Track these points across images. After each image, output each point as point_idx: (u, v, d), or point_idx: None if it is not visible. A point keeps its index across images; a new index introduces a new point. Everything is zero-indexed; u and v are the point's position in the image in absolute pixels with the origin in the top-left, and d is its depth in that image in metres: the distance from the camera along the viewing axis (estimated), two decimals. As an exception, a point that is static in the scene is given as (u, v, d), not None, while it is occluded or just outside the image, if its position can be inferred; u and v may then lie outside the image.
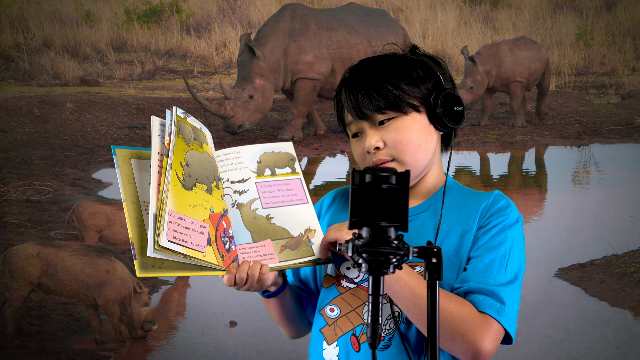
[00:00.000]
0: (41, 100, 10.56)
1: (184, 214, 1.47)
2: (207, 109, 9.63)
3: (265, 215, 1.61)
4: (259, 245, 1.58)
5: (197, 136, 1.58)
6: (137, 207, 1.49)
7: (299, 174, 1.67)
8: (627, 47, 15.32)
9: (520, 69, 10.98)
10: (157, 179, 1.48)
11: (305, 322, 1.77)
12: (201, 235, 1.48)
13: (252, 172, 1.64)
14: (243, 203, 1.61)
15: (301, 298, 1.76)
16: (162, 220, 1.43)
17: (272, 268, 1.56)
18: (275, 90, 10.26)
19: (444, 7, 17.12)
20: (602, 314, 5.10)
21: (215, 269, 1.50)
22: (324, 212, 1.76)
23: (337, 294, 1.67)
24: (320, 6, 16.38)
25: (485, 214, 1.62)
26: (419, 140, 1.63)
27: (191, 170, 1.52)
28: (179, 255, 1.44)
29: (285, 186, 1.65)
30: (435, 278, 1.39)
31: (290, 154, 1.68)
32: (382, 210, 1.34)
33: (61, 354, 4.48)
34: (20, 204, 7.19)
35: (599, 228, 6.74)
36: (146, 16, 15.98)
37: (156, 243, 1.41)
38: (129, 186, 1.50)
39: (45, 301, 5.09)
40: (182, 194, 1.48)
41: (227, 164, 1.63)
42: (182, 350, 4.72)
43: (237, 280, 1.53)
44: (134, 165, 1.53)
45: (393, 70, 1.63)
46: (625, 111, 11.97)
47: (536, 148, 10.50)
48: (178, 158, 1.50)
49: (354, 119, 1.64)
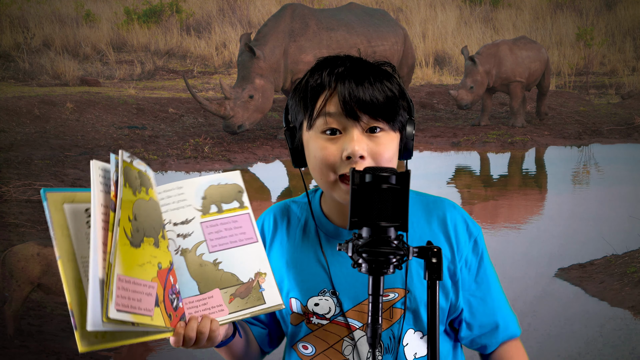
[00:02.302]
0: (41, 100, 10.56)
1: (133, 276, 1.30)
2: (207, 109, 9.62)
3: (212, 260, 1.46)
4: (207, 296, 1.44)
5: (143, 182, 1.41)
6: (74, 264, 1.30)
7: (247, 207, 1.52)
8: (627, 47, 15.32)
9: (520, 69, 10.97)
10: (102, 236, 1.29)
11: (256, 356, 1.68)
12: (149, 297, 1.32)
13: (197, 211, 1.48)
14: (188, 248, 1.46)
15: (252, 336, 1.66)
16: (110, 287, 1.25)
17: (221, 322, 1.44)
18: (275, 90, 10.26)
19: (444, 7, 17.12)
20: (602, 314, 5.10)
21: (162, 331, 1.35)
22: (269, 239, 1.64)
23: (308, 332, 1.59)
24: (320, 6, 16.38)
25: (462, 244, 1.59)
26: (395, 161, 1.53)
27: (139, 224, 1.35)
28: (127, 325, 1.28)
29: (233, 224, 1.49)
30: (435, 278, 1.39)
31: (238, 185, 1.52)
32: (382, 210, 1.33)
33: (61, 354, 4.48)
34: (20, 204, 7.19)
35: (599, 228, 6.74)
36: (146, 16, 15.98)
37: (104, 315, 1.25)
38: (64, 239, 1.31)
39: (45, 301, 5.09)
40: (130, 254, 1.31)
41: (169, 203, 1.47)
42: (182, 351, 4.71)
43: (186, 340, 1.40)
44: (68, 212, 1.33)
45: (392, 83, 1.52)
46: (625, 111, 11.97)
47: (536, 148, 10.49)
48: (126, 212, 1.32)
49: (340, 114, 1.48)
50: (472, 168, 9.72)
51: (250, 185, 8.89)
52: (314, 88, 1.50)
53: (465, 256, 1.59)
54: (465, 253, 1.59)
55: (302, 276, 1.57)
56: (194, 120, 11.06)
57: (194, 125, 10.93)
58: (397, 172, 1.35)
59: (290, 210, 1.65)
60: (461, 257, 1.59)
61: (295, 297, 1.59)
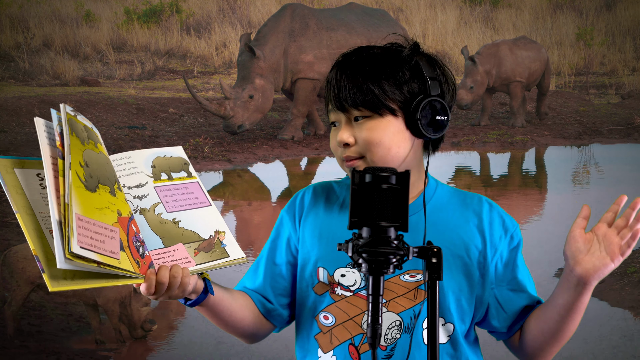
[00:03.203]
0: (41, 100, 10.56)
1: (92, 217, 1.33)
2: (207, 109, 9.63)
3: (171, 219, 1.53)
4: (172, 249, 1.49)
5: (91, 135, 1.46)
6: (33, 217, 1.33)
7: (195, 177, 1.61)
8: (627, 47, 15.32)
9: (520, 69, 10.98)
10: (54, 183, 1.33)
11: (251, 327, 1.69)
12: (113, 241, 1.34)
13: (149, 177, 1.56)
14: (146, 208, 1.52)
15: (247, 301, 1.68)
16: (70, 225, 1.28)
17: (192, 271, 1.49)
18: (275, 90, 10.26)
19: (444, 7, 17.12)
20: (602, 314, 5.10)
21: (131, 277, 1.37)
22: (306, 210, 1.69)
23: (331, 302, 1.62)
24: (320, 6, 16.38)
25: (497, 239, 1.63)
26: (390, 144, 1.57)
27: (92, 171, 1.39)
28: (92, 264, 1.30)
29: (185, 190, 1.58)
30: (435, 278, 1.39)
31: (183, 158, 1.62)
32: (382, 210, 1.34)
33: (61, 354, 4.48)
34: (20, 204, 7.19)
35: (599, 228, 6.71)
36: (146, 16, 15.98)
37: (67, 251, 1.27)
38: (18, 196, 1.35)
39: (45, 301, 5.09)
40: (86, 196, 1.34)
41: (120, 170, 1.54)
42: (182, 350, 4.72)
43: (158, 286, 1.43)
44: (19, 175, 1.37)
45: (380, 67, 1.57)
46: (625, 111, 11.97)
47: (536, 148, 10.50)
48: (76, 157, 1.36)
49: (333, 108, 1.60)
50: (472, 168, 9.72)
51: (250, 185, 8.89)
52: (327, 85, 1.63)
53: (501, 251, 1.63)
54: (500, 248, 1.63)
55: (333, 247, 1.60)
56: (194, 120, 11.06)
57: (194, 125, 10.93)
58: (397, 172, 1.35)
59: (332, 188, 1.72)
60: (495, 251, 1.62)
61: (323, 266, 1.63)
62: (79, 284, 1.32)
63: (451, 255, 1.60)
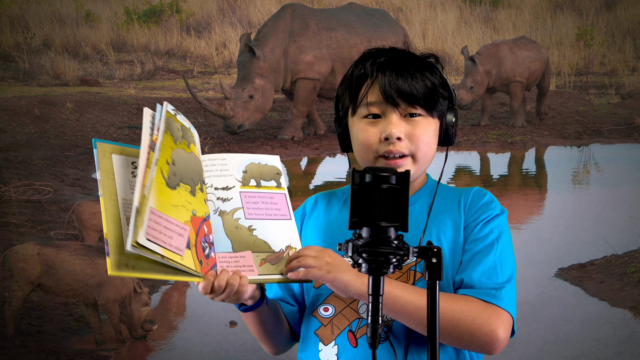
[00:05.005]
0: (41, 100, 10.56)
1: (165, 213, 1.40)
2: (207, 109, 9.63)
3: (247, 226, 1.55)
4: (239, 255, 1.53)
5: (186, 135, 1.53)
6: (114, 203, 1.42)
7: (284, 189, 1.63)
8: (627, 47, 15.32)
9: (520, 69, 10.98)
10: (143, 172, 1.42)
11: (285, 339, 1.72)
12: (181, 238, 1.41)
13: (237, 181, 1.59)
14: (226, 211, 1.55)
15: (282, 314, 1.71)
16: (142, 216, 1.37)
17: (250, 280, 1.51)
18: (275, 90, 10.26)
19: (444, 7, 17.12)
20: (602, 314, 5.10)
21: (192, 274, 1.43)
22: (307, 216, 1.74)
23: (329, 293, 1.65)
24: (320, 6, 16.38)
25: (471, 209, 1.64)
26: (434, 145, 1.65)
27: (176, 169, 1.46)
28: (156, 255, 1.37)
29: (269, 199, 1.60)
30: (435, 278, 1.39)
31: (277, 167, 1.64)
32: (382, 210, 1.34)
33: (61, 354, 4.48)
34: (20, 204, 7.19)
35: (599, 228, 6.74)
36: (146, 16, 15.98)
37: (134, 239, 1.34)
38: (108, 181, 1.44)
39: (45, 301, 5.09)
40: (165, 192, 1.42)
41: (212, 170, 1.58)
42: (182, 350, 4.72)
43: (215, 288, 1.46)
44: (115, 160, 1.46)
45: (433, 74, 1.62)
46: (625, 111, 11.98)
47: (536, 148, 10.50)
48: (164, 155, 1.44)
49: (380, 101, 1.60)
50: (472, 168, 9.72)
51: (250, 185, 8.88)
52: (358, 77, 1.63)
53: (476, 211, 1.64)
54: (476, 208, 1.64)
55: (332, 239, 1.64)
56: (194, 120, 11.06)
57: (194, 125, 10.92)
58: (397, 172, 1.36)
59: (334, 193, 1.77)
60: (470, 212, 1.64)
61: None
62: (140, 272, 1.39)
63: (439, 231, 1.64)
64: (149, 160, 1.42)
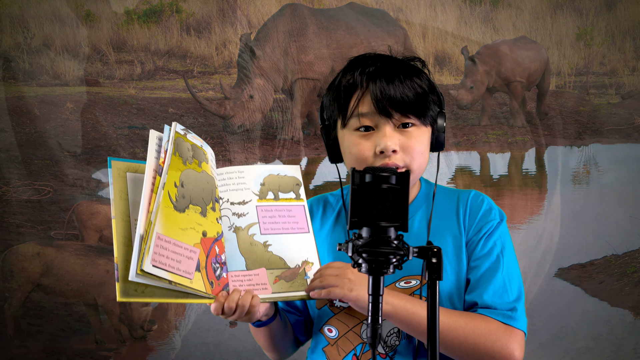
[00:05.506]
0: (41, 100, 10.56)
1: (173, 238, 1.38)
2: (207, 109, 9.62)
3: (262, 242, 1.53)
4: (253, 273, 1.50)
5: (197, 154, 1.51)
6: (126, 224, 1.40)
7: (303, 200, 1.59)
8: (627, 47, 15.31)
9: (520, 69, 10.98)
10: (149, 197, 1.39)
11: (290, 347, 1.72)
12: (190, 261, 1.40)
13: (254, 195, 1.56)
14: (241, 227, 1.52)
15: (289, 324, 1.70)
16: (148, 243, 1.34)
17: (263, 299, 1.49)
18: (275, 90, 10.25)
19: (444, 7, 17.12)
20: (602, 314, 5.09)
21: (202, 296, 1.42)
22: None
23: (331, 315, 1.63)
24: (320, 6, 16.38)
25: (471, 220, 1.62)
26: (427, 154, 1.62)
27: (185, 191, 1.44)
28: (164, 282, 1.35)
29: (287, 212, 1.57)
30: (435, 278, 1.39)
31: (297, 178, 1.60)
32: (382, 210, 1.33)
33: (61, 354, 4.48)
34: (20, 204, 7.18)
35: (599, 228, 6.73)
36: (146, 16, 15.99)
37: (139, 267, 1.33)
38: (121, 202, 1.41)
39: (45, 301, 5.08)
40: (172, 216, 1.39)
41: (229, 184, 1.56)
42: (182, 350, 4.71)
43: (225, 310, 1.45)
44: (129, 179, 1.44)
45: (422, 79, 1.59)
46: (625, 111, 11.97)
47: (536, 148, 10.49)
48: (172, 178, 1.42)
49: (372, 113, 1.56)
50: (472, 168, 9.71)
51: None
52: (347, 88, 1.58)
53: (476, 225, 1.62)
54: (476, 222, 1.62)
55: (329, 259, 1.61)
56: (194, 120, 11.05)
57: (194, 125, 10.93)
58: (397, 172, 1.35)
59: (327, 200, 1.73)
60: (471, 227, 1.62)
61: None
62: (148, 297, 1.37)
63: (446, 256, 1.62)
64: (155, 185, 1.40)
